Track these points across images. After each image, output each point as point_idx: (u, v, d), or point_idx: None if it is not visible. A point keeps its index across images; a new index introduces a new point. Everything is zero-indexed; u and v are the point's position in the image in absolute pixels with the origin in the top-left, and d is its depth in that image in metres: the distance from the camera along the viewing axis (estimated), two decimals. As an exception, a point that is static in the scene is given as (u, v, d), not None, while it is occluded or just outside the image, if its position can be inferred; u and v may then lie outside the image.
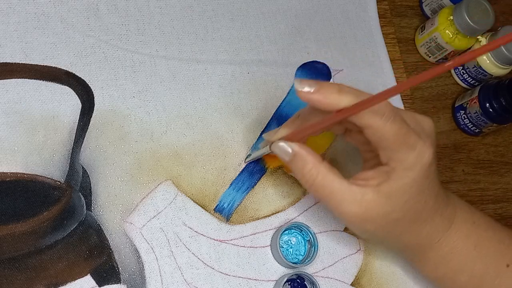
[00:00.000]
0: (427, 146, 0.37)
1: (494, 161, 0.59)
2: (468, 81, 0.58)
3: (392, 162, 0.37)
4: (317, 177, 0.38)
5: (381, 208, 0.38)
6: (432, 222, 0.41)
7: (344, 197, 0.38)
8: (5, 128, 0.42)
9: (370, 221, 0.39)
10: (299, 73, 0.52)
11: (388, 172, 0.38)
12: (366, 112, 0.36)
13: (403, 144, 0.37)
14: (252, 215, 0.47)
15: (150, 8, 0.49)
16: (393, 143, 0.37)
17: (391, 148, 0.37)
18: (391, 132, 0.36)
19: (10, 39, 0.44)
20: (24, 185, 0.41)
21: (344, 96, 0.36)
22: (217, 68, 0.50)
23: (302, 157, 0.39)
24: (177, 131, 0.47)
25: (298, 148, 0.39)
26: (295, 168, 0.39)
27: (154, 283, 0.42)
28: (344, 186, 0.38)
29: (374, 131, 0.36)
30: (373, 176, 0.38)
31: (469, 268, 0.42)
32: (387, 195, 0.38)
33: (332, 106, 0.36)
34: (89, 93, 0.45)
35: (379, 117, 0.36)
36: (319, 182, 0.38)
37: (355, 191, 0.38)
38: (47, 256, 0.40)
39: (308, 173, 0.38)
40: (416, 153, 0.37)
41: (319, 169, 0.38)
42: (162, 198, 0.44)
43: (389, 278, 0.48)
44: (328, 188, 0.38)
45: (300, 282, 0.45)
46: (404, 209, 0.38)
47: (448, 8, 0.55)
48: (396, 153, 0.37)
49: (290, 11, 0.54)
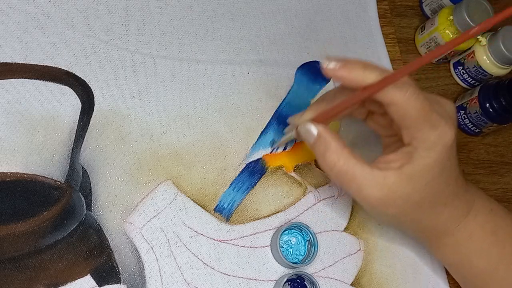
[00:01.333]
0: (449, 126, 0.38)
1: (494, 161, 0.59)
2: (468, 81, 0.58)
3: (415, 141, 0.38)
4: (339, 161, 0.38)
5: (403, 191, 0.38)
6: (452, 207, 0.41)
7: (366, 181, 0.38)
8: (5, 128, 0.42)
9: (392, 205, 0.39)
10: (299, 73, 0.52)
11: (410, 153, 0.38)
12: (391, 88, 0.36)
13: (426, 122, 0.37)
14: (252, 215, 0.47)
15: (150, 8, 0.49)
16: (416, 120, 0.37)
17: (414, 126, 0.37)
18: (414, 109, 0.37)
19: (10, 39, 0.44)
20: (24, 185, 0.41)
21: (369, 72, 0.37)
22: (217, 68, 0.50)
23: (326, 140, 0.39)
24: (177, 131, 0.47)
25: (323, 130, 0.39)
26: (318, 151, 0.39)
27: (154, 283, 0.42)
28: (366, 171, 0.38)
29: (398, 108, 0.37)
30: (394, 158, 0.39)
31: (486, 254, 0.43)
32: (409, 177, 0.38)
33: (357, 83, 0.37)
34: (89, 93, 0.45)
35: (403, 93, 0.36)
36: (341, 166, 0.38)
37: (377, 175, 0.38)
38: (47, 256, 0.40)
39: (329, 157, 0.38)
40: (438, 133, 0.37)
41: (342, 154, 0.38)
42: (162, 198, 0.44)
43: (389, 278, 0.48)
44: (350, 173, 0.38)
45: (300, 282, 0.45)
46: (425, 191, 0.39)
47: (448, 8, 0.55)
48: (418, 131, 0.37)
49: (290, 11, 0.54)
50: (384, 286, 0.48)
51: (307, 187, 0.49)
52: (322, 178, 0.50)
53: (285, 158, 0.49)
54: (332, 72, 0.37)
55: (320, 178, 0.49)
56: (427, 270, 0.50)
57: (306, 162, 0.49)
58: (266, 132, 0.49)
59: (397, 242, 0.50)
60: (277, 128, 0.49)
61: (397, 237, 0.50)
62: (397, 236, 0.50)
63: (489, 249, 0.43)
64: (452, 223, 0.42)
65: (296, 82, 0.51)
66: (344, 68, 0.37)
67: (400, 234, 0.50)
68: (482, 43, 0.55)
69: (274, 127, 0.49)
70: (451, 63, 0.59)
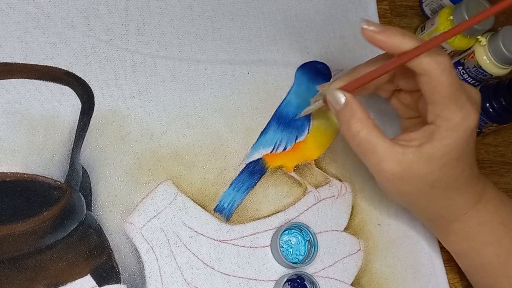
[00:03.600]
0: (474, 110, 0.38)
1: (494, 161, 0.59)
2: (468, 81, 0.58)
3: (438, 120, 0.38)
4: (362, 130, 0.39)
5: (420, 169, 0.39)
6: (464, 193, 0.42)
7: (386, 154, 0.38)
8: (5, 128, 0.42)
9: (408, 182, 0.39)
10: (299, 73, 0.52)
11: (431, 132, 0.38)
12: (427, 58, 0.37)
13: (454, 100, 0.37)
14: (252, 215, 0.47)
15: (150, 8, 0.49)
16: (445, 96, 0.37)
17: (441, 102, 0.37)
18: (445, 84, 0.37)
19: (10, 39, 0.44)
20: (24, 185, 0.41)
21: (407, 39, 0.37)
22: (217, 68, 0.50)
23: (353, 107, 0.39)
24: (177, 131, 0.47)
25: (351, 98, 0.40)
26: (343, 118, 0.40)
27: (154, 283, 0.42)
28: (387, 144, 0.39)
29: (430, 79, 0.37)
30: (415, 137, 0.39)
31: (496, 242, 0.43)
32: (428, 156, 0.38)
33: (395, 48, 0.38)
34: (89, 93, 0.45)
35: (438, 65, 0.37)
36: (364, 136, 0.39)
37: (397, 150, 0.38)
38: (47, 256, 0.40)
39: (354, 125, 0.39)
40: (463, 115, 0.38)
41: (366, 123, 0.39)
42: (162, 198, 0.44)
43: (389, 278, 0.48)
44: (371, 144, 0.39)
45: (300, 282, 0.45)
46: (442, 172, 0.39)
47: (448, 8, 0.55)
48: (444, 109, 0.38)
49: (290, 11, 0.54)
50: (384, 286, 0.48)
51: (307, 187, 0.49)
52: (322, 178, 0.50)
53: (285, 158, 0.49)
54: (371, 34, 0.38)
55: (320, 178, 0.49)
56: (427, 270, 0.50)
57: (306, 162, 0.49)
58: (266, 132, 0.49)
59: (397, 242, 0.50)
60: (277, 128, 0.49)
61: (397, 237, 0.50)
62: (397, 236, 0.50)
63: (499, 239, 0.43)
64: (462, 209, 0.43)
65: (296, 82, 0.51)
66: (384, 32, 0.38)
67: (400, 234, 0.50)
68: (482, 43, 0.55)
69: (274, 127, 0.49)
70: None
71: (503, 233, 0.43)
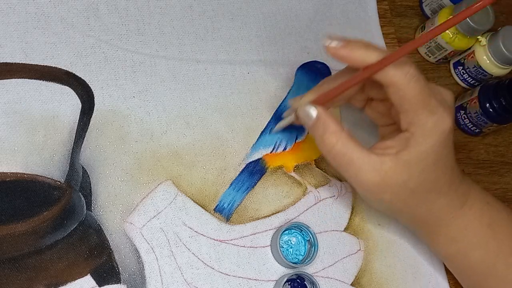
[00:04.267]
0: (447, 113, 0.38)
1: (494, 161, 0.59)
2: (468, 81, 0.58)
3: (412, 127, 0.38)
4: (337, 143, 0.38)
5: (399, 177, 0.38)
6: (447, 196, 0.41)
7: (363, 165, 0.38)
8: (5, 128, 0.42)
9: (388, 191, 0.39)
10: (299, 73, 0.52)
11: (407, 139, 0.38)
12: (392, 69, 0.37)
13: (424, 106, 0.37)
14: (252, 215, 0.47)
15: (150, 8, 0.49)
16: (415, 104, 0.37)
17: (413, 109, 0.37)
18: (413, 92, 0.37)
19: (10, 39, 0.44)
20: (24, 185, 0.41)
21: (371, 52, 0.37)
22: (217, 68, 0.50)
23: (325, 122, 0.39)
24: (177, 131, 0.47)
25: (322, 112, 0.39)
26: (316, 133, 0.40)
27: (154, 283, 0.42)
28: (364, 155, 0.38)
29: (398, 89, 0.37)
30: (392, 144, 0.39)
31: (483, 245, 0.43)
32: (406, 163, 0.38)
33: (359, 61, 0.37)
34: (89, 93, 0.45)
35: (404, 75, 0.37)
36: (339, 149, 0.38)
37: (374, 160, 0.38)
38: (47, 256, 0.40)
39: (328, 139, 0.39)
40: (436, 119, 0.37)
41: (340, 136, 0.38)
42: (162, 198, 0.44)
43: (389, 278, 0.48)
44: (348, 156, 0.38)
45: (300, 282, 0.45)
46: (421, 178, 0.39)
47: (448, 8, 0.55)
48: (416, 116, 0.37)
49: (290, 11, 0.54)
50: (384, 286, 0.48)
51: (307, 187, 0.49)
52: (322, 178, 0.50)
53: (285, 158, 0.49)
54: (333, 51, 0.38)
55: (320, 178, 0.49)
56: (427, 270, 0.50)
57: (306, 162, 0.49)
58: (266, 132, 0.49)
59: (397, 242, 0.50)
60: (277, 128, 0.49)
61: (397, 237, 0.50)
62: (397, 236, 0.50)
63: (486, 242, 0.43)
64: (447, 213, 0.42)
65: (296, 82, 0.51)
66: (346, 47, 0.37)
67: (400, 234, 0.50)
68: (482, 43, 0.55)
69: (274, 127, 0.49)
70: (451, 63, 0.59)
71: (490, 235, 0.43)
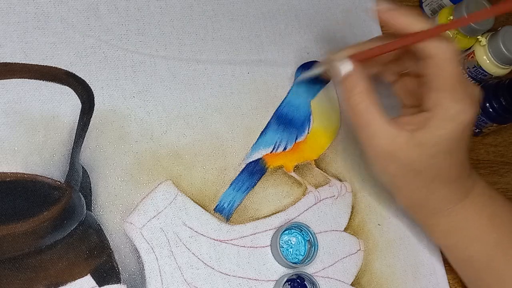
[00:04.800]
0: (471, 107, 0.38)
1: (494, 161, 0.59)
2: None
3: (435, 108, 0.38)
4: (361, 103, 0.39)
5: (409, 154, 0.39)
6: (449, 189, 0.42)
7: (379, 131, 0.39)
8: (5, 128, 0.42)
9: (395, 163, 0.39)
10: (299, 73, 0.52)
11: (426, 119, 0.38)
12: (436, 42, 0.37)
13: (454, 90, 0.37)
14: (252, 215, 0.47)
15: (150, 8, 0.49)
16: (446, 84, 0.37)
17: (442, 89, 0.38)
18: (449, 72, 0.37)
19: (10, 39, 0.44)
20: (24, 185, 0.41)
21: (417, 21, 0.37)
22: (217, 68, 0.50)
23: (356, 78, 0.39)
24: (177, 131, 0.47)
25: (356, 68, 0.40)
26: (345, 86, 0.40)
27: (154, 283, 0.42)
28: (382, 122, 0.39)
29: (435, 63, 0.37)
30: (410, 121, 0.39)
31: (483, 237, 0.43)
32: (418, 143, 0.38)
33: (404, 27, 0.38)
34: (89, 93, 0.45)
35: (445, 51, 0.37)
36: (361, 108, 0.39)
37: (390, 130, 0.39)
38: (47, 256, 0.40)
39: (353, 96, 0.39)
40: (460, 107, 0.38)
41: (367, 97, 0.39)
42: (162, 198, 0.44)
43: (389, 278, 0.48)
44: (367, 117, 0.39)
45: (300, 282, 0.45)
46: (430, 162, 0.39)
47: (448, 8, 0.55)
48: (443, 98, 0.38)
49: (290, 11, 0.54)
50: (384, 286, 0.48)
51: (307, 187, 0.49)
52: (322, 178, 0.50)
53: (285, 158, 0.49)
54: (382, 14, 0.38)
55: (320, 178, 0.49)
56: (427, 270, 0.50)
57: (306, 162, 0.49)
58: (266, 132, 0.49)
59: (397, 242, 0.50)
60: (277, 128, 0.49)
61: (397, 237, 0.50)
62: (397, 236, 0.50)
63: (486, 235, 0.43)
64: (445, 204, 0.42)
65: (296, 82, 0.51)
66: (395, 10, 0.38)
67: (400, 234, 0.50)
68: (482, 43, 0.55)
69: (274, 127, 0.49)
70: (451, 63, 0.59)
71: (490, 228, 0.43)
